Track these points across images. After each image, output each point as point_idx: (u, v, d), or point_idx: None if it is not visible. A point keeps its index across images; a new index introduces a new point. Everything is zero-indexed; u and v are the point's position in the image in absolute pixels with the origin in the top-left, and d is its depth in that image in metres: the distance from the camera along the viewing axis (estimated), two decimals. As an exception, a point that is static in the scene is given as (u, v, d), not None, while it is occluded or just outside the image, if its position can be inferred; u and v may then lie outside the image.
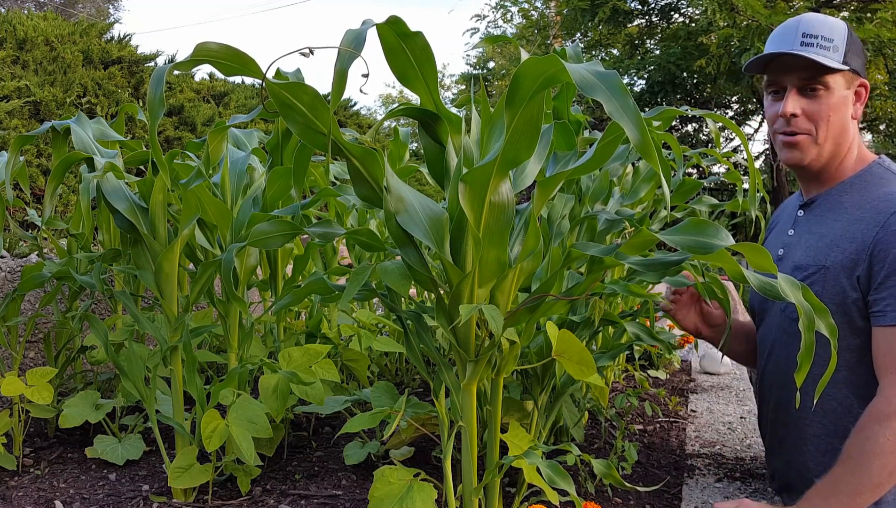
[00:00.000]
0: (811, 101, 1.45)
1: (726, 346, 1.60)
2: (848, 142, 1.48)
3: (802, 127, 1.46)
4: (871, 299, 1.35)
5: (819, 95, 1.44)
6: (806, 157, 1.48)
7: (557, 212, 1.50)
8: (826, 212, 1.50)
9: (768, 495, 1.68)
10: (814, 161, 1.48)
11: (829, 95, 1.43)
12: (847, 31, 1.44)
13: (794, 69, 1.44)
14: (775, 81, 1.49)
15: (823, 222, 1.49)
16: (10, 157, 1.63)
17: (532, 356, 1.53)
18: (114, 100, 5.40)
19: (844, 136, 1.47)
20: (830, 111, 1.43)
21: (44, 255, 2.38)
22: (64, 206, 4.28)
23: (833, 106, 1.44)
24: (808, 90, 1.45)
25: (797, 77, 1.45)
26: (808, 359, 1.05)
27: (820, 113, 1.44)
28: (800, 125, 1.46)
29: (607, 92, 0.87)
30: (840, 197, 1.48)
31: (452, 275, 1.14)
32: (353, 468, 1.79)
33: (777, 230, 1.67)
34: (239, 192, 1.78)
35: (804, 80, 1.44)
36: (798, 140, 1.47)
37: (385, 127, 7.94)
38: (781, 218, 1.70)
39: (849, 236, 1.41)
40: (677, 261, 1.15)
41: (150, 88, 1.14)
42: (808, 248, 1.49)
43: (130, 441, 1.85)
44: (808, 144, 1.46)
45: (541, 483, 1.23)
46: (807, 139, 1.46)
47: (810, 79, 1.43)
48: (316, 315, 2.12)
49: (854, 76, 1.45)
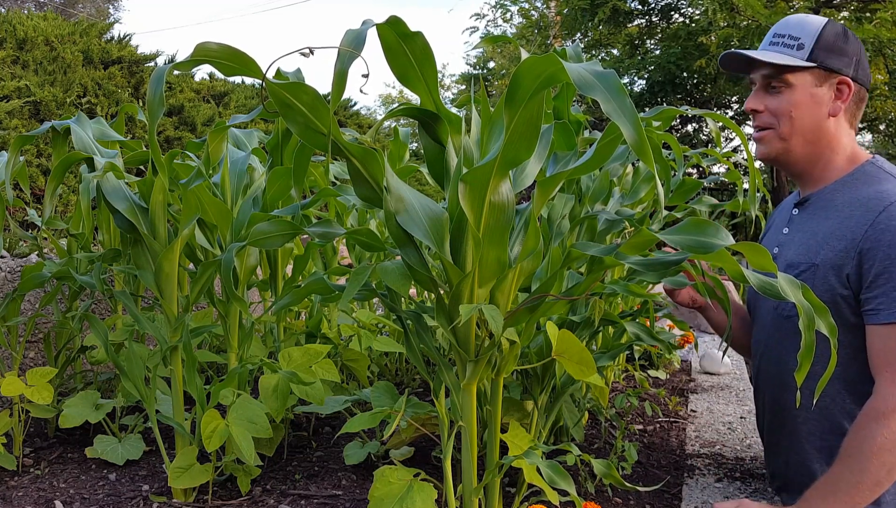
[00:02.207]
0: (773, 97, 1.50)
1: (728, 341, 1.61)
2: (828, 139, 1.49)
3: (766, 122, 1.52)
4: (864, 298, 1.36)
5: (781, 92, 1.49)
6: (771, 150, 1.52)
7: (557, 212, 1.50)
8: (819, 210, 1.51)
9: (768, 495, 1.68)
10: (782, 155, 1.52)
11: (792, 91, 1.47)
12: (820, 30, 1.46)
13: (759, 67, 1.51)
14: (751, 80, 1.56)
15: (815, 220, 1.50)
16: (10, 157, 1.63)
17: (532, 356, 1.53)
18: (114, 100, 5.40)
19: (819, 133, 1.49)
20: (792, 107, 1.48)
21: (44, 255, 2.38)
22: (64, 206, 4.28)
23: (795, 103, 1.47)
24: (770, 87, 1.50)
25: (760, 75, 1.52)
26: (808, 358, 1.05)
27: (780, 109, 1.49)
28: (764, 120, 1.52)
29: (605, 92, 0.87)
30: (832, 196, 1.49)
31: (452, 275, 1.14)
32: (353, 468, 1.79)
33: (773, 229, 1.69)
34: (239, 192, 1.78)
35: (766, 77, 1.50)
36: (762, 135, 1.53)
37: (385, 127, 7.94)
38: (778, 217, 1.71)
39: (838, 234, 1.41)
40: (677, 261, 1.15)
41: (150, 89, 1.14)
42: (800, 246, 1.50)
43: (130, 441, 1.85)
44: (772, 138, 1.52)
45: (541, 483, 1.23)
46: (770, 134, 1.51)
47: (771, 76, 1.49)
48: (316, 315, 2.12)
49: (828, 74, 1.46)
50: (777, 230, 1.64)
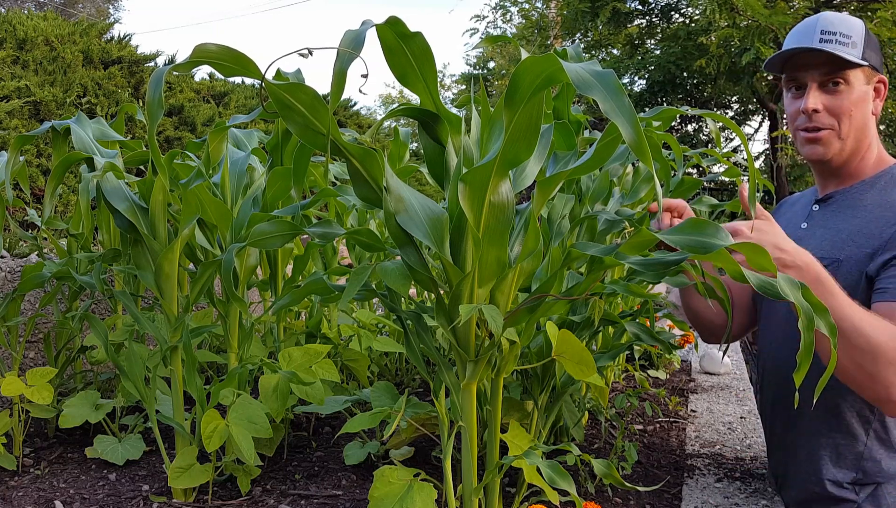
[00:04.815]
0: (833, 96, 1.45)
1: (729, 340, 1.61)
2: (868, 138, 1.49)
3: (825, 122, 1.46)
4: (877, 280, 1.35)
5: (840, 91, 1.45)
6: (829, 151, 1.48)
7: (557, 212, 1.50)
8: (844, 208, 1.50)
9: (768, 495, 1.68)
10: (836, 156, 1.49)
11: (850, 89, 1.44)
12: (864, 28, 1.45)
13: (815, 65, 1.45)
14: (795, 78, 1.50)
15: (840, 218, 1.49)
16: (10, 157, 1.63)
17: (532, 356, 1.53)
18: (114, 100, 5.40)
19: (865, 131, 1.48)
20: (852, 106, 1.44)
21: (44, 255, 2.38)
22: (64, 206, 4.28)
23: (854, 101, 1.45)
24: (829, 85, 1.45)
25: (818, 72, 1.45)
26: (807, 359, 1.05)
27: (842, 108, 1.45)
28: (822, 120, 1.46)
29: (604, 91, 0.87)
30: (861, 195, 1.49)
31: (452, 275, 1.14)
32: (353, 468, 1.79)
33: (785, 224, 1.67)
34: (239, 192, 1.78)
35: (825, 75, 1.45)
36: (821, 136, 1.47)
37: (385, 127, 7.94)
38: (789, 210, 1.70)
39: (867, 232, 1.41)
40: (677, 261, 1.15)
41: (149, 90, 1.14)
42: (823, 241, 1.49)
43: (130, 441, 1.85)
44: (832, 138, 1.47)
45: (541, 482, 1.23)
46: (830, 134, 1.47)
47: (831, 74, 1.44)
48: (316, 315, 2.12)
49: (873, 72, 1.46)
50: (794, 226, 1.62)
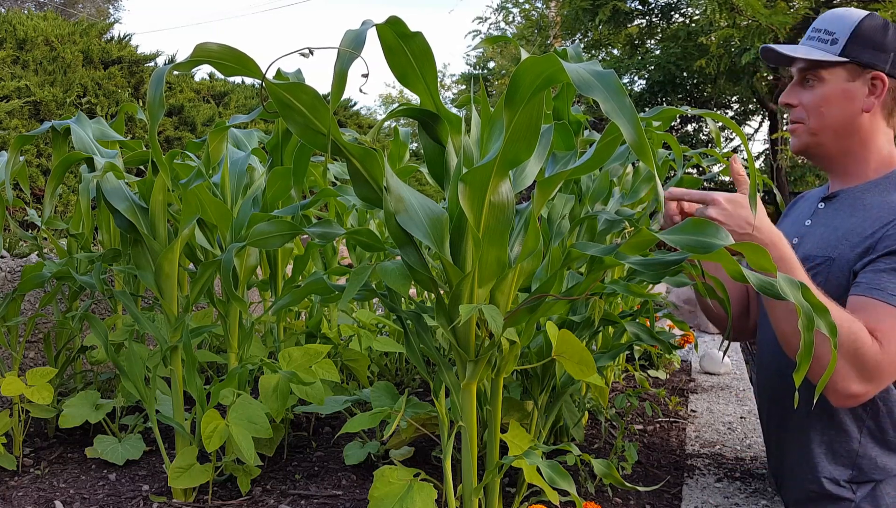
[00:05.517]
0: (806, 91, 1.52)
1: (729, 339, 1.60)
2: (861, 136, 1.49)
3: (798, 116, 1.53)
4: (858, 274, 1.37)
5: (813, 87, 1.50)
6: (800, 144, 1.54)
7: (557, 212, 1.50)
8: (846, 207, 1.51)
9: (768, 495, 1.68)
10: (812, 149, 1.54)
11: (823, 86, 1.48)
12: (856, 24, 1.45)
13: (795, 62, 1.52)
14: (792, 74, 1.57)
15: (840, 217, 1.50)
16: (10, 157, 1.62)
17: (532, 356, 1.53)
18: (114, 100, 5.40)
19: (851, 129, 1.48)
20: (821, 102, 1.49)
21: (44, 255, 2.38)
22: (64, 206, 4.28)
23: (825, 97, 1.48)
24: (805, 81, 1.52)
25: (796, 69, 1.53)
26: (807, 359, 1.05)
27: (810, 104, 1.50)
28: (796, 114, 1.54)
29: (604, 91, 0.87)
30: (862, 195, 1.49)
31: (452, 275, 1.14)
32: (353, 468, 1.79)
33: (793, 219, 1.68)
34: (239, 192, 1.78)
35: (801, 71, 1.52)
36: (794, 128, 1.55)
37: (385, 127, 7.94)
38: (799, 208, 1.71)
39: (860, 232, 1.41)
40: (677, 261, 1.15)
41: (150, 90, 1.14)
42: (820, 239, 1.50)
43: (130, 441, 1.85)
44: (801, 132, 1.54)
45: (541, 482, 1.23)
46: (800, 127, 1.54)
47: (804, 70, 1.51)
48: (316, 315, 2.12)
49: (861, 69, 1.46)
50: (799, 222, 1.63)
